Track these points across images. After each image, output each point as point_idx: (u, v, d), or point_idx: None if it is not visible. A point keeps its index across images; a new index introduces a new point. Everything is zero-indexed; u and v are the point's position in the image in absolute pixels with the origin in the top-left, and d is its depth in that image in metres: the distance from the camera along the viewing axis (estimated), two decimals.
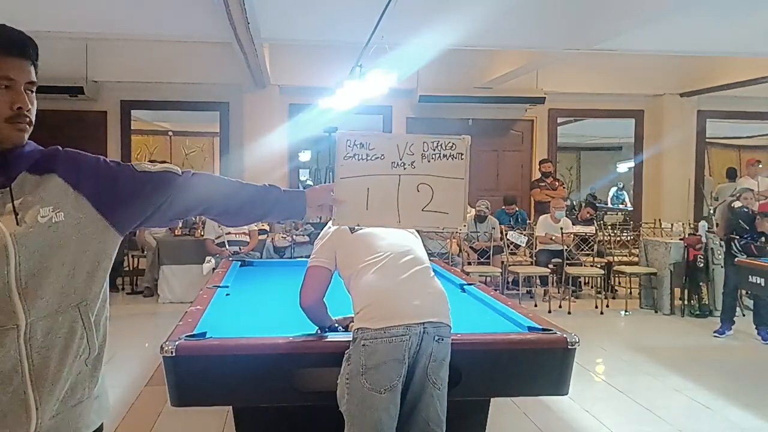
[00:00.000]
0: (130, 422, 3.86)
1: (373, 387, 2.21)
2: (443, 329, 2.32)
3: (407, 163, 1.94)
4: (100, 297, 1.40)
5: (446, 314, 2.37)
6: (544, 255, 7.87)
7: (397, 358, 2.22)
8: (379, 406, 2.21)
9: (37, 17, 5.57)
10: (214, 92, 9.19)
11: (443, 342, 2.31)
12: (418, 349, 2.25)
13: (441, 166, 1.95)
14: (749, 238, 6.09)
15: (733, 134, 12.46)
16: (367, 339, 2.24)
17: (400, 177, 1.94)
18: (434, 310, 2.33)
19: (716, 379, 4.84)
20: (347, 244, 2.47)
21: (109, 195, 1.40)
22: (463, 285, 3.96)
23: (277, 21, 5.80)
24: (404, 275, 2.37)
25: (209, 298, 3.35)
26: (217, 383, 2.48)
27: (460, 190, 1.95)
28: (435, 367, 2.28)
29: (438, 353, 2.28)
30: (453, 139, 1.97)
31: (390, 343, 2.23)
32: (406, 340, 2.23)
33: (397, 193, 1.93)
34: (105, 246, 1.41)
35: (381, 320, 2.25)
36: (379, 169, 1.94)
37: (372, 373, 2.22)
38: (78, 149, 1.50)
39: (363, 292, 2.37)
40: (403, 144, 1.95)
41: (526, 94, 9.30)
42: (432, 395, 2.28)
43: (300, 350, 2.48)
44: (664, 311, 7.23)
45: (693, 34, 6.02)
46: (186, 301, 6.95)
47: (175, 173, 1.51)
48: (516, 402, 4.09)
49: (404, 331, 2.24)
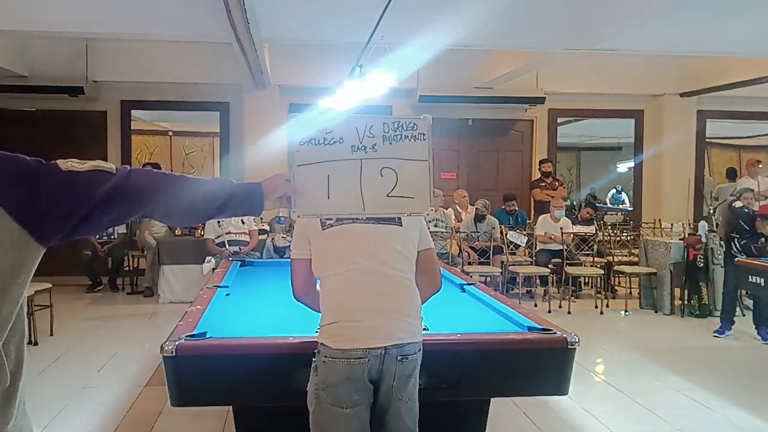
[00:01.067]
0: (130, 422, 3.86)
1: (335, 403, 2.18)
2: (408, 347, 2.23)
3: (368, 146, 1.83)
4: (12, 318, 1.18)
5: (412, 332, 2.25)
6: (544, 255, 7.87)
7: (356, 378, 2.18)
8: (342, 420, 2.19)
9: (37, 17, 5.57)
10: (214, 92, 9.19)
11: (408, 360, 2.23)
12: (380, 368, 2.19)
13: (404, 148, 1.85)
14: (749, 239, 6.09)
15: (733, 134, 12.45)
16: (327, 357, 2.21)
17: (361, 161, 1.82)
18: (397, 330, 2.22)
19: (716, 379, 4.84)
20: (318, 242, 2.32)
21: (30, 201, 1.18)
22: (463, 285, 3.95)
23: (277, 21, 5.80)
24: (368, 289, 2.23)
25: (209, 298, 3.35)
26: (217, 383, 2.48)
27: (425, 172, 1.86)
28: (400, 384, 2.22)
29: (403, 372, 2.22)
30: (414, 119, 1.87)
31: (348, 364, 2.17)
32: (365, 363, 2.17)
33: (360, 179, 1.82)
34: (23, 260, 1.18)
35: (340, 341, 2.20)
36: (338, 154, 1.82)
37: (332, 390, 2.18)
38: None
39: (326, 306, 2.29)
40: (363, 126, 1.84)
41: (526, 94, 9.30)
42: (399, 410, 2.24)
43: (300, 350, 2.48)
44: (664, 311, 7.23)
45: (693, 34, 6.02)
46: (186, 301, 6.95)
47: (108, 171, 1.30)
48: (516, 402, 4.09)
49: (363, 354, 2.17)
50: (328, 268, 2.29)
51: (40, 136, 8.96)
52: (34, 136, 8.95)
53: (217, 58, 8.44)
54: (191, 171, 11.95)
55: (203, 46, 8.38)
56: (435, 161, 7.52)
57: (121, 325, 6.44)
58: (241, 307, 3.42)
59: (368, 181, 1.82)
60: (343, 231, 2.29)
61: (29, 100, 8.78)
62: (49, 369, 4.90)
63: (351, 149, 1.82)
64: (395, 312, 2.24)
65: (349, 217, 2.19)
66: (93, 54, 8.58)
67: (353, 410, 2.19)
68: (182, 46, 8.42)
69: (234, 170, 9.10)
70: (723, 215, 6.63)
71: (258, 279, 4.41)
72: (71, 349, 5.45)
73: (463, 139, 9.85)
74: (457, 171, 9.88)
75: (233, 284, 3.97)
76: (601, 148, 14.89)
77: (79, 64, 8.54)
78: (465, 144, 9.87)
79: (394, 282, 2.27)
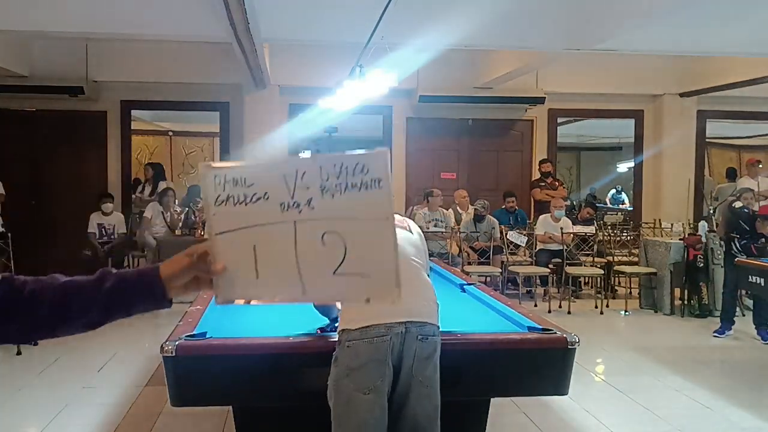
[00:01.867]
0: (130, 422, 3.86)
1: (357, 387, 2.21)
2: (427, 328, 2.29)
3: (302, 202, 1.26)
4: None
5: (430, 313, 2.33)
6: (543, 255, 7.87)
7: (378, 359, 2.21)
8: (364, 406, 2.20)
9: (37, 17, 5.57)
10: (214, 92, 9.19)
11: (428, 341, 2.28)
12: (401, 348, 2.23)
13: (351, 203, 1.24)
14: (749, 239, 6.09)
15: (733, 134, 12.45)
16: (350, 340, 2.24)
17: (295, 224, 1.28)
18: (416, 309, 2.29)
19: (716, 379, 4.84)
20: None
21: None
22: (463, 285, 3.96)
23: (277, 21, 5.80)
24: None
25: (209, 298, 3.35)
26: (217, 383, 2.49)
27: (385, 238, 1.26)
28: (420, 365, 2.26)
29: (422, 352, 2.26)
30: (365, 158, 1.23)
31: (371, 343, 2.21)
32: (387, 341, 2.21)
33: (295, 250, 1.28)
34: None
35: (360, 320, 2.24)
36: (264, 215, 1.28)
37: (356, 374, 2.21)
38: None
39: None
40: (293, 173, 1.26)
41: (526, 94, 9.30)
42: (420, 394, 2.26)
43: (300, 350, 2.48)
44: (664, 311, 7.23)
45: (693, 34, 6.02)
46: (186, 301, 6.95)
47: None
48: (516, 402, 4.09)
49: (384, 331, 2.22)
50: None
51: (40, 136, 8.97)
52: (34, 136, 8.96)
53: (217, 58, 8.44)
54: (191, 171, 11.97)
55: (203, 46, 8.38)
56: (435, 161, 7.51)
57: (121, 325, 6.40)
58: (241, 307, 3.41)
59: (306, 253, 1.28)
60: None
61: (29, 100, 8.78)
62: (49, 369, 4.90)
63: (280, 208, 1.27)
64: (415, 294, 2.33)
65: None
66: (93, 54, 8.58)
67: (375, 396, 2.21)
68: (182, 46, 8.41)
69: None
70: (723, 215, 6.63)
71: None
72: (71, 349, 5.45)
73: (463, 139, 9.85)
74: (457, 171, 9.87)
75: None
76: (601, 148, 14.89)
77: (79, 64, 8.54)
78: (465, 144, 9.87)
79: (411, 268, 2.39)
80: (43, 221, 8.92)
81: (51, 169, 9.01)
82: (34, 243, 8.34)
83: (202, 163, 1.33)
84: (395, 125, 9.66)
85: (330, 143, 7.91)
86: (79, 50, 8.50)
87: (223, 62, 8.38)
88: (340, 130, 7.61)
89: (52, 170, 9.01)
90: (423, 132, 9.72)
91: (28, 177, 8.96)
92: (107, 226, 8.23)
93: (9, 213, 8.09)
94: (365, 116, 9.35)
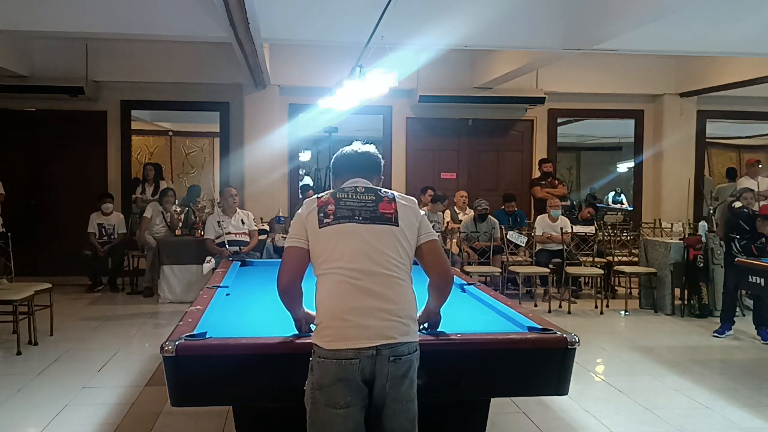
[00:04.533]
0: (130, 422, 3.86)
1: (329, 403, 2.19)
2: (401, 348, 2.23)
3: None
4: None
5: (405, 332, 2.25)
6: (543, 255, 7.87)
7: (348, 379, 2.18)
8: (337, 420, 2.19)
9: (37, 17, 5.57)
10: (214, 92, 9.19)
11: (401, 361, 2.22)
12: (372, 369, 2.19)
13: None
14: (749, 239, 6.09)
15: (733, 134, 12.46)
16: (320, 357, 2.22)
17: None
18: (389, 330, 2.22)
19: (716, 379, 4.84)
20: (313, 239, 2.34)
21: None
22: (463, 285, 3.96)
23: (277, 21, 5.79)
24: (360, 290, 2.23)
25: (209, 298, 3.35)
26: (217, 383, 2.48)
27: None
28: (394, 384, 2.21)
29: (396, 371, 2.21)
30: None
31: (340, 365, 2.18)
32: (357, 364, 2.18)
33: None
34: None
35: (331, 342, 2.21)
36: None
37: (326, 390, 2.19)
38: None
39: (319, 305, 2.30)
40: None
41: (526, 94, 9.29)
42: (395, 410, 2.23)
43: (300, 350, 2.48)
44: (664, 311, 7.23)
45: (693, 34, 6.01)
46: (186, 301, 6.96)
47: None
48: (516, 402, 4.10)
49: (354, 355, 2.17)
50: (321, 266, 2.31)
51: (40, 136, 8.97)
52: (34, 136, 8.97)
53: (217, 58, 8.45)
54: (191, 171, 11.97)
55: (203, 46, 8.38)
56: (435, 161, 7.57)
57: (121, 325, 6.44)
58: (241, 307, 3.42)
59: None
60: (339, 230, 2.32)
61: (29, 100, 8.79)
62: (49, 369, 4.90)
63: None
64: (386, 312, 2.24)
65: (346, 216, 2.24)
66: (93, 54, 8.59)
67: (347, 410, 2.19)
68: (182, 46, 8.42)
69: (234, 170, 9.11)
70: (723, 215, 6.62)
71: (258, 279, 4.41)
72: (71, 349, 5.45)
73: (463, 139, 9.85)
74: (457, 171, 9.87)
75: (233, 284, 3.97)
76: (601, 148, 14.89)
77: (79, 64, 8.54)
78: (465, 144, 9.87)
79: (385, 283, 2.27)
80: (43, 221, 8.92)
81: (51, 169, 9.01)
82: (34, 243, 8.35)
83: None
84: (395, 125, 9.66)
85: (330, 143, 7.90)
86: (79, 50, 8.50)
87: (223, 62, 8.39)
88: (340, 130, 7.63)
89: (52, 170, 9.01)
90: (423, 132, 9.72)
91: (28, 177, 8.96)
92: (107, 226, 8.23)
93: (9, 213, 8.10)
94: (365, 116, 9.36)
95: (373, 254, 2.28)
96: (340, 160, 2.56)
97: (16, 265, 6.25)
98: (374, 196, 2.40)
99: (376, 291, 2.24)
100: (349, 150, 2.57)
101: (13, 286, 5.66)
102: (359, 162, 2.53)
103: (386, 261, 2.29)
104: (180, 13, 5.65)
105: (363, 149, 2.56)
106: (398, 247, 2.33)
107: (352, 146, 2.58)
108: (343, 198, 2.38)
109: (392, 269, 2.29)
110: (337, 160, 2.58)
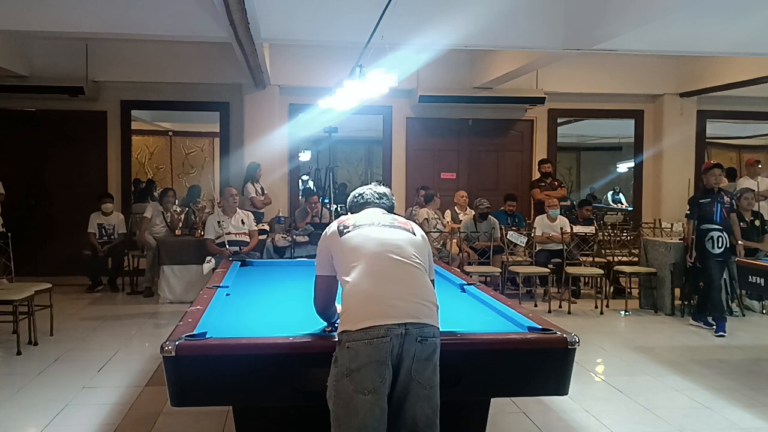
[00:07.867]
0: (130, 422, 3.86)
1: (357, 388, 2.22)
2: (427, 329, 2.30)
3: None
4: None
5: (430, 315, 2.35)
6: (543, 255, 7.87)
7: (378, 360, 2.23)
8: (364, 407, 2.21)
9: (37, 17, 5.57)
10: (214, 92, 9.19)
11: (427, 342, 2.29)
12: (400, 350, 2.25)
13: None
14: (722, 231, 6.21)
15: (733, 134, 12.46)
16: (350, 341, 2.26)
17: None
18: (416, 310, 2.31)
19: (716, 379, 4.84)
20: (337, 250, 2.50)
21: None
22: (463, 285, 3.96)
23: (277, 21, 5.79)
24: (386, 275, 2.37)
25: (209, 298, 3.35)
26: (217, 383, 2.48)
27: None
28: (419, 367, 2.27)
29: (422, 353, 2.28)
30: None
31: (371, 345, 2.23)
32: (387, 342, 2.24)
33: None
34: None
35: (360, 321, 2.26)
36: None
37: (355, 375, 2.23)
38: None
39: (345, 294, 2.40)
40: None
41: (526, 94, 9.30)
42: (419, 395, 2.27)
43: (300, 350, 2.48)
44: (664, 311, 7.23)
45: (693, 34, 6.01)
46: (186, 301, 6.96)
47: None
48: (516, 402, 4.10)
49: (384, 332, 2.24)
50: (348, 263, 2.43)
51: (40, 136, 8.97)
52: (34, 136, 8.97)
53: (217, 58, 8.45)
54: (191, 171, 11.98)
55: (203, 46, 8.38)
56: (435, 161, 7.58)
57: (121, 325, 6.44)
58: (241, 307, 3.42)
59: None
60: (360, 232, 2.50)
61: (29, 100, 8.78)
62: (49, 369, 4.90)
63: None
64: (412, 295, 2.36)
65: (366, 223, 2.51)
66: (93, 54, 8.59)
67: (375, 396, 2.22)
68: (182, 46, 8.42)
69: (234, 170, 9.11)
70: (692, 211, 6.53)
71: (258, 279, 4.41)
72: (71, 349, 5.45)
73: (463, 139, 9.86)
74: (457, 171, 9.88)
75: (233, 284, 3.97)
76: (601, 148, 14.89)
77: (79, 64, 8.54)
78: (465, 144, 9.88)
79: (409, 271, 2.42)
80: (43, 221, 8.92)
81: (51, 169, 9.01)
82: (34, 243, 8.35)
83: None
84: (395, 125, 9.66)
85: (330, 143, 7.91)
86: (79, 50, 8.50)
87: (223, 62, 8.39)
88: (340, 130, 7.64)
89: (52, 170, 9.01)
90: (423, 132, 9.72)
91: (28, 177, 8.96)
92: (107, 226, 8.23)
93: (9, 213, 8.09)
94: (365, 116, 9.36)
95: (395, 249, 2.45)
96: (356, 198, 2.78)
97: (16, 265, 6.24)
98: (391, 217, 2.64)
99: (400, 277, 2.39)
100: (367, 189, 2.80)
101: (13, 286, 5.66)
102: (376, 198, 2.76)
103: (407, 254, 2.45)
104: (180, 13, 5.65)
105: (380, 189, 2.80)
106: (416, 249, 2.51)
107: (368, 186, 2.82)
108: (362, 217, 2.61)
109: (413, 260, 2.45)
110: (354, 198, 2.79)
